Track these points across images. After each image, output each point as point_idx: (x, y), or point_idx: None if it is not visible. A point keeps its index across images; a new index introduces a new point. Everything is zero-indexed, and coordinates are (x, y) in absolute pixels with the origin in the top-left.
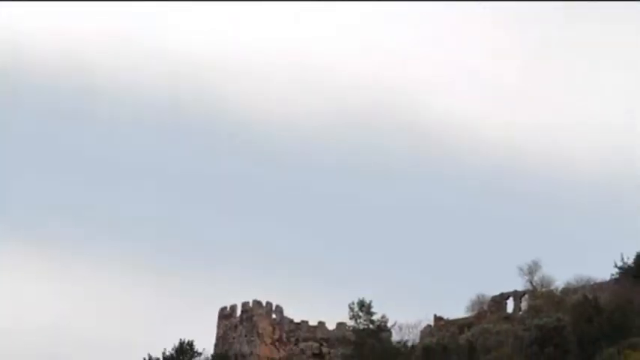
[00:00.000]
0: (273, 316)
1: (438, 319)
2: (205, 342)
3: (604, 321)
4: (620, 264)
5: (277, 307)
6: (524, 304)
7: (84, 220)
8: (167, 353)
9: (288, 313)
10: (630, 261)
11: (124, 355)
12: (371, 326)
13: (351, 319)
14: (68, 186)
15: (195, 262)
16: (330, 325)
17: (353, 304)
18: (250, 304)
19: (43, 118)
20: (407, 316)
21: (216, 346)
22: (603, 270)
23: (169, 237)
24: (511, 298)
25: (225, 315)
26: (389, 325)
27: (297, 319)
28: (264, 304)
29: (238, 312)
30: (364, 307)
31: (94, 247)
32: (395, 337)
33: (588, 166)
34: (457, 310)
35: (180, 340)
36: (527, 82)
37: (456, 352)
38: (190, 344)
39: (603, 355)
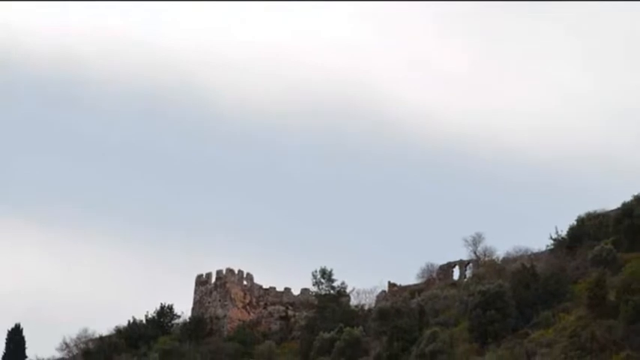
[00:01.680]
0: (245, 282)
1: (391, 285)
2: (183, 306)
3: (540, 287)
4: (554, 236)
5: (248, 274)
6: (468, 272)
7: (79, 198)
8: (149, 316)
9: (257, 280)
10: (564, 233)
11: (112, 317)
12: (332, 292)
13: (314, 285)
14: (64, 167)
15: (175, 234)
16: (295, 291)
17: (316, 272)
18: (224, 272)
19: (40, 105)
20: (364, 283)
21: (193, 309)
22: (539, 241)
23: (153, 212)
24: (457, 267)
25: (202, 282)
26: (348, 290)
27: (265, 286)
28: (236, 272)
29: (213, 279)
30: (326, 274)
31: (88, 223)
32: (353, 301)
33: (526, 147)
34: (409, 277)
35: (161, 304)
36: (475, 74)
37: (408, 314)
38: (170, 308)
39: (539, 318)
